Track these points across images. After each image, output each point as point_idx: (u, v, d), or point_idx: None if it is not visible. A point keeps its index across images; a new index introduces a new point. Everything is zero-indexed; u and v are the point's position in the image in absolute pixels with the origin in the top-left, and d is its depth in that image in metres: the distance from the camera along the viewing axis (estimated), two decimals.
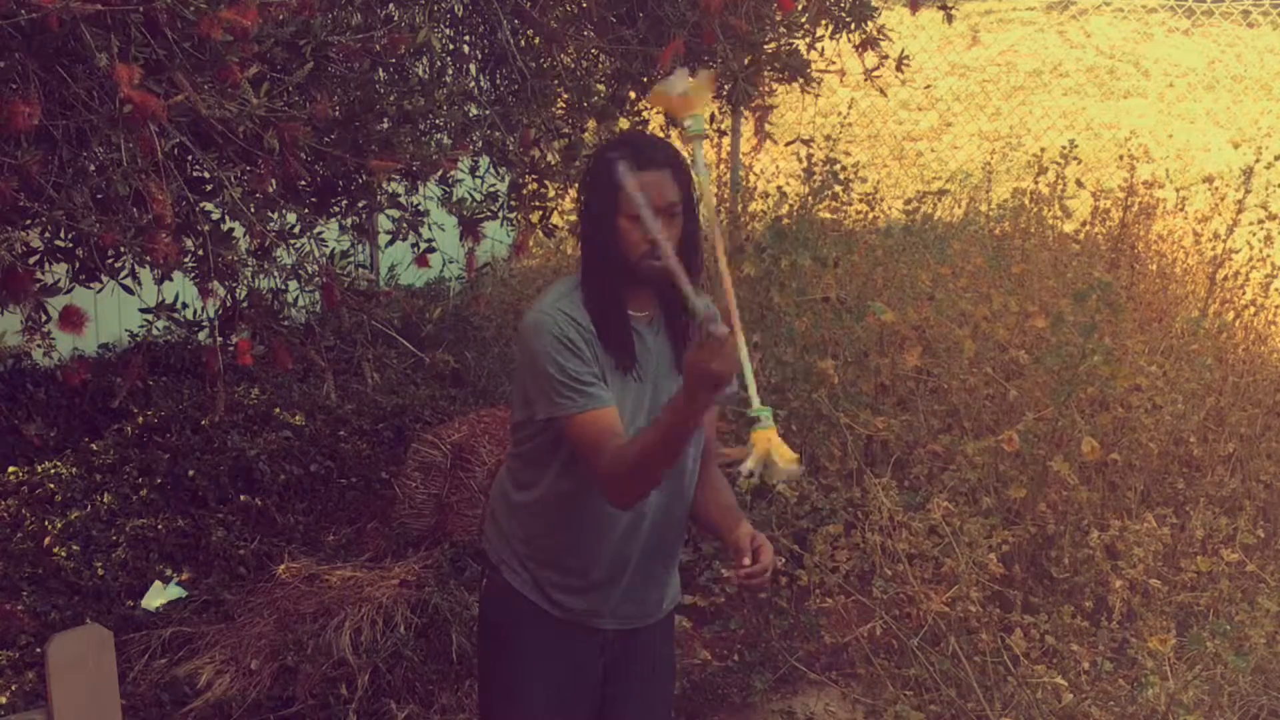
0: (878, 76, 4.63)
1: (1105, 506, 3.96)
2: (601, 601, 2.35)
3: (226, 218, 2.98)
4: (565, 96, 4.21)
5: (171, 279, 2.89)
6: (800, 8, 4.44)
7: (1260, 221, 5.30)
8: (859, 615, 3.62)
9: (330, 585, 3.87)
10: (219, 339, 3.09)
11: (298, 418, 5.01)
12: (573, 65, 4.30)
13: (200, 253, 2.84)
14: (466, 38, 4.27)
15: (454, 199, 3.57)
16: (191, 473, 4.53)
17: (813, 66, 4.71)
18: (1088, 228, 5.91)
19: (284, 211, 3.10)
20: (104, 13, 2.37)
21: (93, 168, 2.61)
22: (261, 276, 3.11)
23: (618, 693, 2.43)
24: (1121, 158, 6.06)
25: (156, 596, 4.00)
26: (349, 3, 3.24)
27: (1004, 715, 3.10)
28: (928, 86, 10.20)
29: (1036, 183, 5.92)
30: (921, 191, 6.83)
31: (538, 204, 4.18)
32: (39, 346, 2.90)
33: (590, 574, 2.33)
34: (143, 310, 3.07)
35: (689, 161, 2.25)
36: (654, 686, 2.52)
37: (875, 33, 4.58)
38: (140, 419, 4.87)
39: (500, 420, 4.54)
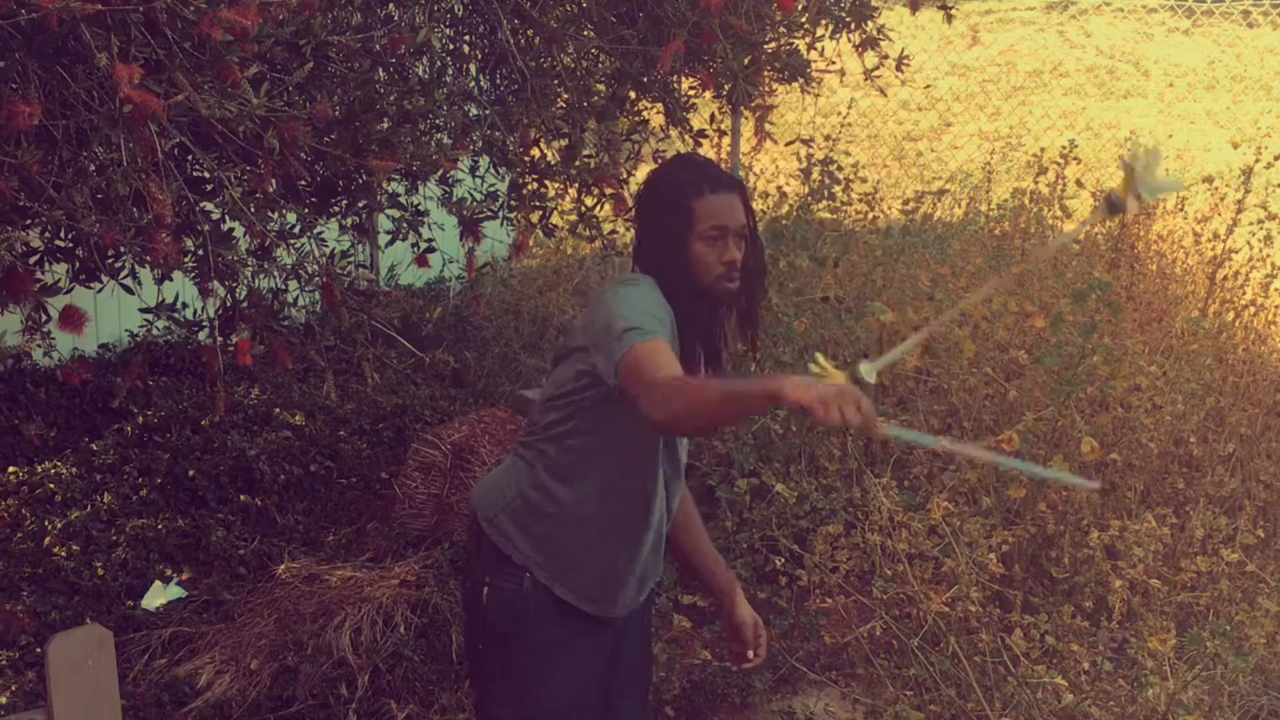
0: (878, 76, 4.63)
1: (1105, 506, 3.96)
2: (620, 593, 2.35)
3: (226, 218, 2.98)
4: (565, 96, 4.20)
5: (171, 279, 2.88)
6: (800, 8, 4.45)
7: (1260, 221, 5.30)
8: (859, 615, 3.62)
9: (330, 585, 3.87)
10: (219, 339, 3.09)
11: (298, 418, 5.01)
12: (573, 65, 4.30)
13: (200, 253, 2.84)
14: (466, 38, 4.27)
15: (454, 199, 3.57)
16: (191, 473, 4.54)
17: (813, 66, 4.71)
18: (1087, 228, 5.91)
19: (284, 211, 3.10)
20: (104, 13, 2.37)
21: (93, 168, 2.61)
22: (261, 276, 3.11)
23: (610, 680, 2.44)
24: (1121, 158, 6.05)
25: (156, 596, 4.00)
26: (349, 3, 3.24)
27: (1004, 715, 3.09)
28: (928, 86, 10.20)
29: (1036, 183, 5.93)
30: (921, 191, 6.83)
31: (538, 204, 4.18)
32: (39, 346, 2.90)
33: (617, 567, 2.33)
34: (143, 310, 3.07)
35: None
36: (640, 672, 2.55)
37: (875, 33, 4.58)
38: (140, 419, 4.87)
39: (500, 420, 4.54)
